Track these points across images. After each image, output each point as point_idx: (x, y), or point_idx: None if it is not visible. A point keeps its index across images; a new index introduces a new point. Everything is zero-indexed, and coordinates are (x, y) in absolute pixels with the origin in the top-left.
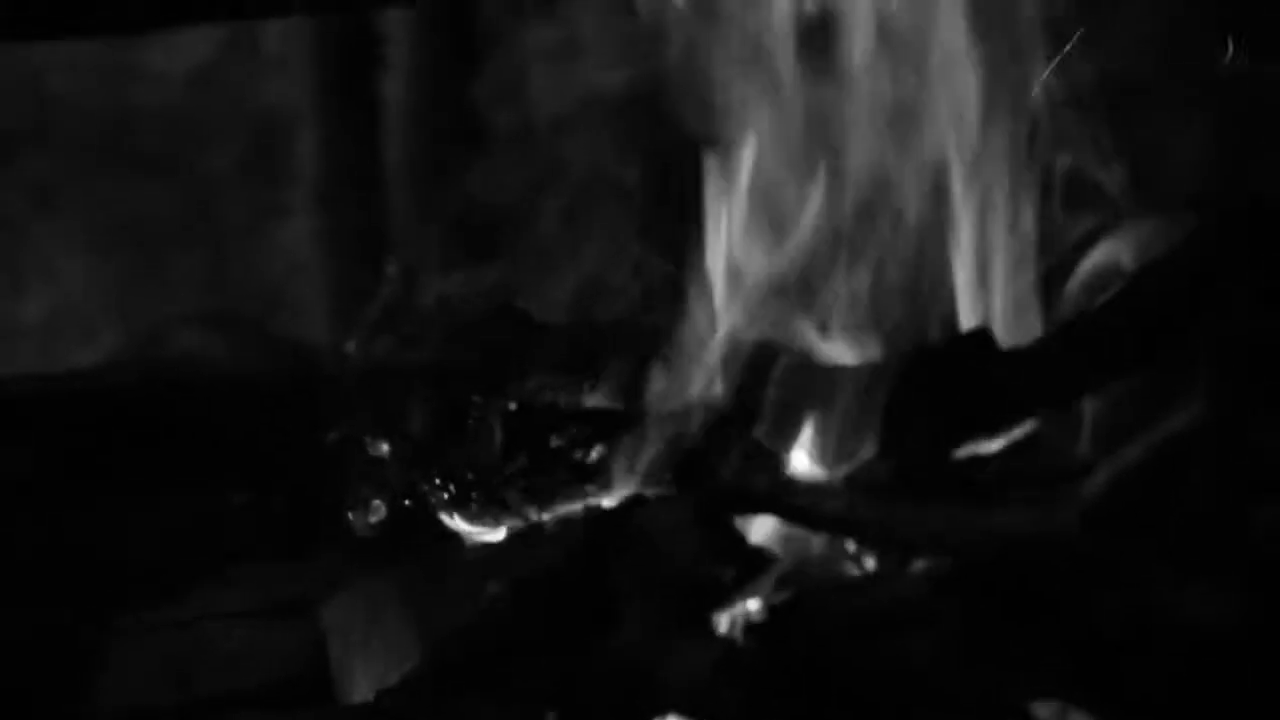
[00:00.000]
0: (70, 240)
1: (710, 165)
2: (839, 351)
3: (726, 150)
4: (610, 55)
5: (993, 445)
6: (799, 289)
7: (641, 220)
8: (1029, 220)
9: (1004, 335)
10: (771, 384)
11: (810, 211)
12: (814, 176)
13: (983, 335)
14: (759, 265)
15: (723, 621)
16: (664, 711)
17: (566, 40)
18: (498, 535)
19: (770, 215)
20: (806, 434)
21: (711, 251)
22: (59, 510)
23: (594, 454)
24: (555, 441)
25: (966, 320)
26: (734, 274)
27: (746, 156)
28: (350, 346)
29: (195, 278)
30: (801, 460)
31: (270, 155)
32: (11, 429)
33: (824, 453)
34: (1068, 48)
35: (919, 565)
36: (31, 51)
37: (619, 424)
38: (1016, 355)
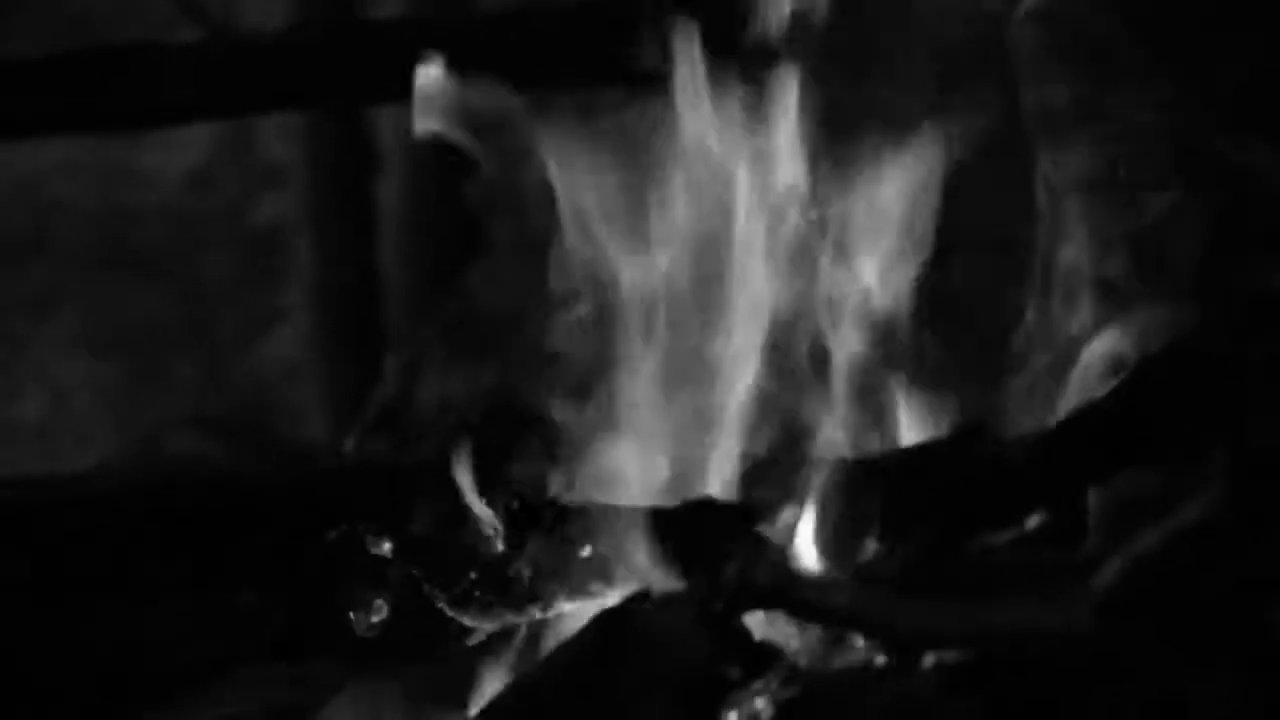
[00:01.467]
0: (68, 344)
1: None
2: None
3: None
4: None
5: (1001, 538)
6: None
7: None
8: (1029, 312)
9: (1008, 428)
10: (775, 480)
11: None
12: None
13: (982, 427)
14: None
15: (731, 719)
16: None
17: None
18: (501, 633)
19: None
20: (811, 528)
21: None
22: (57, 615)
23: (596, 550)
24: (557, 537)
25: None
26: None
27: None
28: (348, 445)
29: (191, 381)
30: (807, 554)
31: (267, 258)
32: (8, 533)
33: (829, 547)
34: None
35: (929, 661)
36: (30, 158)
37: (621, 519)
38: (1022, 446)
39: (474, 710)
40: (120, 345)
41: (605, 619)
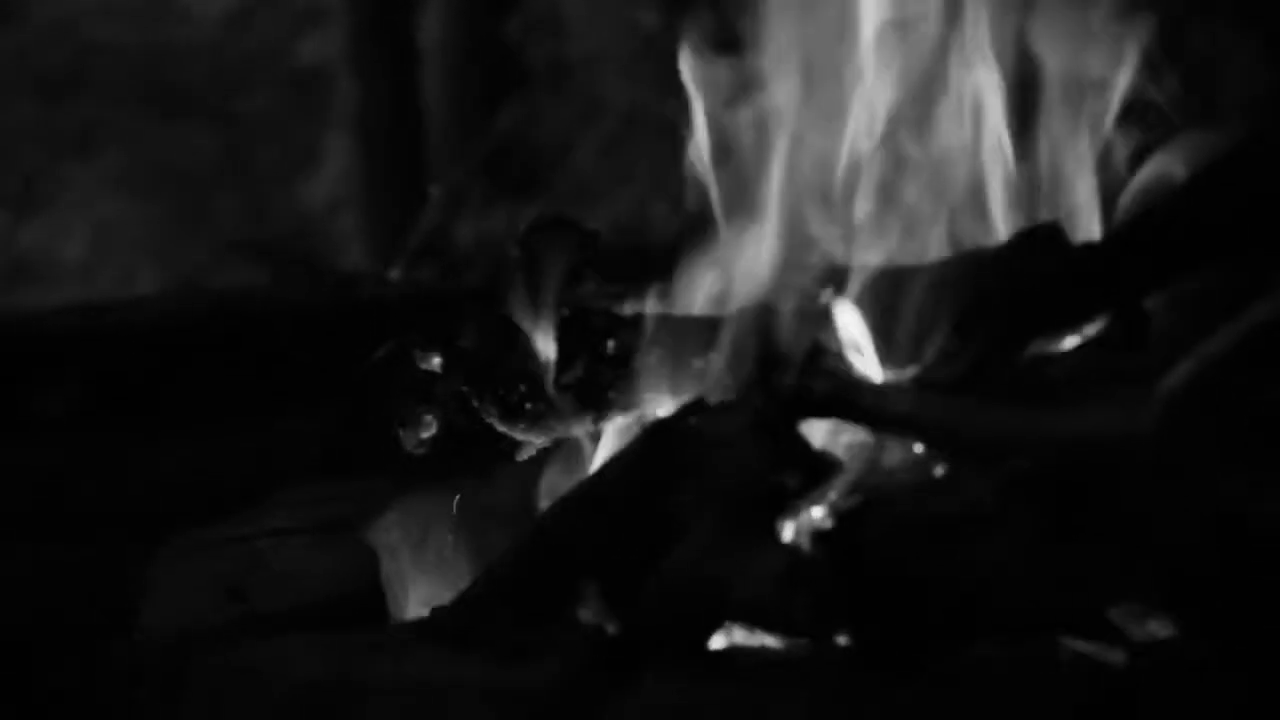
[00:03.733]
0: (109, 182)
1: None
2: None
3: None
4: None
5: (1064, 342)
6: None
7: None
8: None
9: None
10: (833, 287)
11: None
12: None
13: (1053, 230)
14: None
15: (788, 530)
16: (731, 622)
17: None
18: (552, 445)
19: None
20: (872, 336)
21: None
22: (107, 440)
23: (649, 360)
24: (610, 348)
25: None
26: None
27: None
28: (394, 273)
29: (235, 216)
30: (867, 362)
31: (308, 95)
32: (54, 363)
33: (890, 354)
34: None
35: (989, 468)
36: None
37: (675, 330)
38: (1087, 251)
39: (525, 524)
40: (161, 183)
41: (659, 429)
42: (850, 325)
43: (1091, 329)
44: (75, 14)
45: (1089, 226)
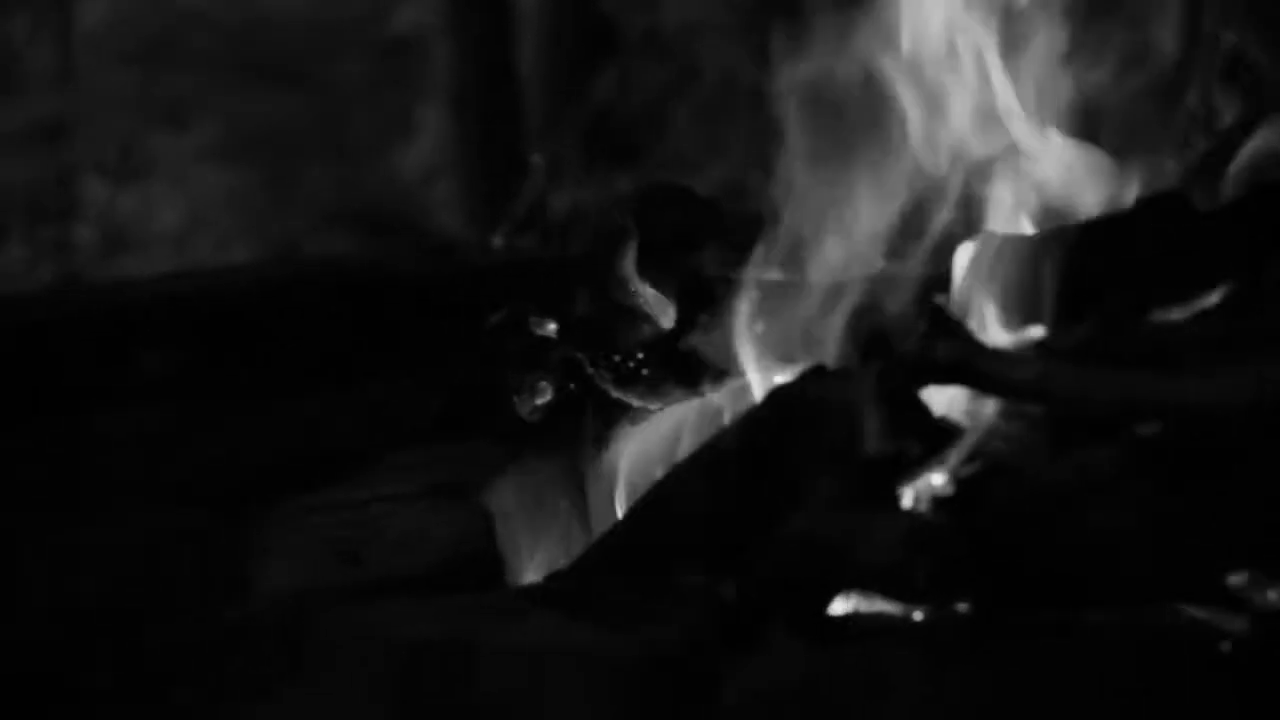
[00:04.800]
0: (203, 152)
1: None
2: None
3: None
4: None
5: (1186, 309)
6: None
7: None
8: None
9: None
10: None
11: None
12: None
13: (1177, 197)
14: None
15: (909, 496)
16: (852, 587)
17: None
18: (669, 411)
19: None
20: (994, 302)
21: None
22: (215, 406)
23: (768, 325)
24: (729, 313)
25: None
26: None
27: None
28: (497, 241)
29: (328, 185)
30: (989, 328)
31: (402, 64)
32: (159, 329)
33: (1012, 320)
34: None
35: (1110, 435)
36: None
37: (794, 295)
38: (1207, 216)
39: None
40: (255, 152)
41: (778, 394)
42: (971, 291)
43: (1214, 295)
44: None
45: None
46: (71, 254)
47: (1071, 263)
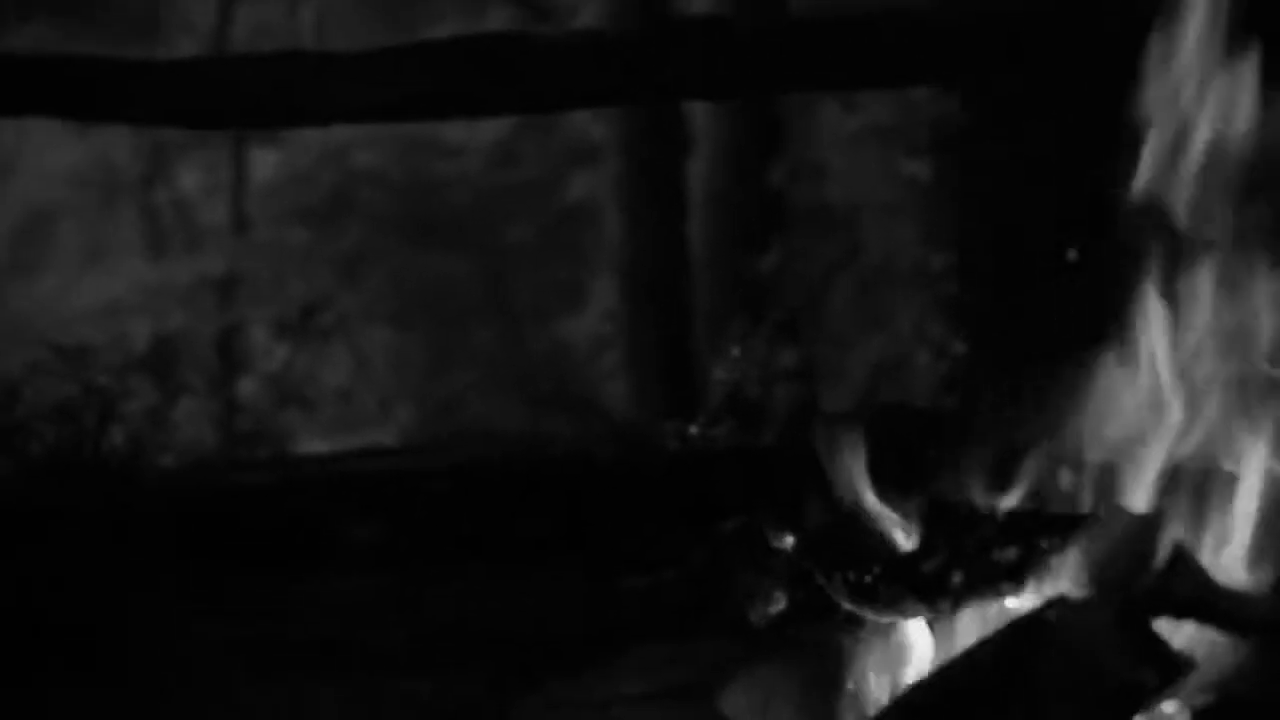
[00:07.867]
0: (371, 310)
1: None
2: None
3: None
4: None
5: None
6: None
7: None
8: None
9: None
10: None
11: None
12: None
13: None
14: (1209, 370)
15: None
16: None
17: (869, 127)
18: (902, 629)
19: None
20: (1231, 540)
21: (1150, 352)
22: (412, 576)
23: (1012, 554)
24: (973, 540)
25: None
26: (1181, 378)
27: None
28: (694, 430)
29: (492, 350)
30: (1225, 566)
31: (570, 233)
32: (363, 502)
33: (1249, 559)
34: None
35: None
36: (338, 128)
37: (1038, 526)
38: None
39: (869, 706)
40: (422, 312)
41: (1024, 622)
42: (1209, 528)
43: None
44: (344, 142)
45: None
46: (238, 409)
47: None
